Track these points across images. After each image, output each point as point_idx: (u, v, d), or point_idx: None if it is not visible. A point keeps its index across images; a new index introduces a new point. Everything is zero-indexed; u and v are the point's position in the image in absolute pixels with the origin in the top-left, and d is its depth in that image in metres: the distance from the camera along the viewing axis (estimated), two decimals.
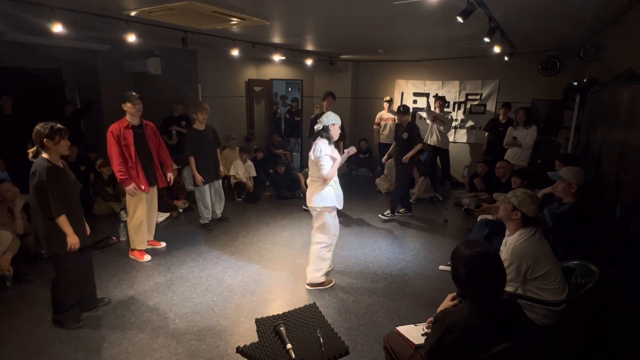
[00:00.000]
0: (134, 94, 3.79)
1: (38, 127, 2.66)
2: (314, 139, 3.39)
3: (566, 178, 2.95)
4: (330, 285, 3.60)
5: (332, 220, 3.44)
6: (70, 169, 2.90)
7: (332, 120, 3.39)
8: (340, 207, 3.47)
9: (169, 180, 4.21)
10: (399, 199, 5.54)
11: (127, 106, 3.75)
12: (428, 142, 6.89)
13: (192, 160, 4.65)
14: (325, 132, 3.34)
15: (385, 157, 5.83)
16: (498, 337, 1.61)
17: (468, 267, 1.62)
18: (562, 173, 3.00)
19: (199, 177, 4.68)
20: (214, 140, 4.86)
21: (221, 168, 5.01)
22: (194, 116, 4.69)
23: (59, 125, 2.69)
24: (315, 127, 3.39)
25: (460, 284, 1.69)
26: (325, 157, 3.24)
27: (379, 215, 5.47)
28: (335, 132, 3.40)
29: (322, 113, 5.24)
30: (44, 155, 2.67)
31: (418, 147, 5.22)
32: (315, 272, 3.52)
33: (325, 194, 3.34)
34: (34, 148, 2.70)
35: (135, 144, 3.77)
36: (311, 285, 3.56)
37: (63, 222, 2.68)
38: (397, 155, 5.37)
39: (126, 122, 3.76)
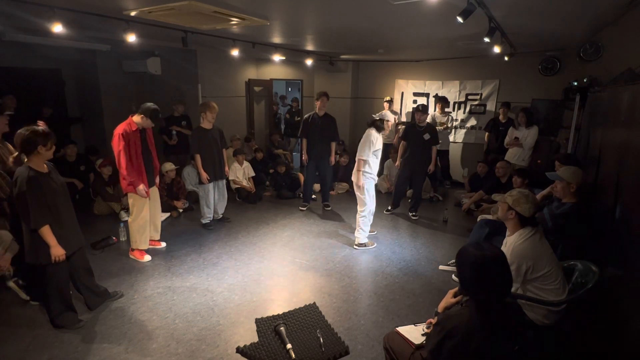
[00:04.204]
0: (159, 112, 3.78)
1: (24, 132, 2.51)
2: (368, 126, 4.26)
3: (564, 177, 2.95)
4: (373, 246, 4.46)
5: (368, 194, 4.31)
6: (57, 171, 2.81)
7: (388, 117, 4.24)
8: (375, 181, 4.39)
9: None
10: (401, 196, 5.70)
11: (145, 119, 3.72)
12: None
13: (198, 157, 4.66)
14: (380, 123, 4.20)
15: (398, 160, 5.60)
16: (499, 340, 1.60)
17: (475, 270, 1.61)
18: (560, 172, 3.01)
19: (204, 175, 4.69)
20: (220, 141, 4.87)
21: (226, 168, 5.03)
22: (202, 115, 4.68)
23: (47, 129, 2.58)
24: (375, 115, 4.27)
25: (466, 286, 1.68)
26: (365, 145, 4.19)
27: (411, 215, 5.60)
28: (387, 127, 4.25)
29: (315, 113, 5.43)
30: (27, 162, 2.57)
31: (436, 149, 5.38)
32: (359, 234, 4.39)
33: (364, 173, 4.23)
34: (15, 154, 2.57)
35: (141, 146, 3.80)
36: (358, 245, 4.43)
37: (46, 232, 2.59)
38: (413, 156, 5.33)
39: (135, 126, 3.73)
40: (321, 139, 5.46)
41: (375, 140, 4.16)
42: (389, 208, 5.75)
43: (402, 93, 8.04)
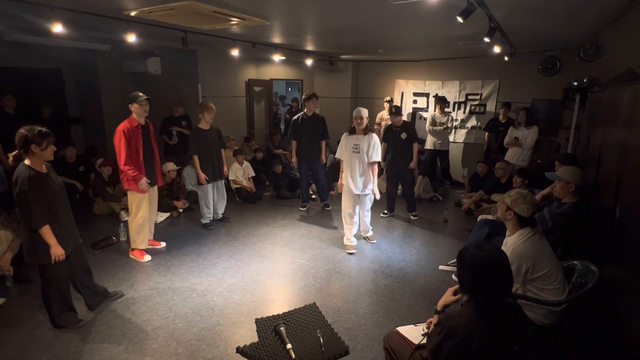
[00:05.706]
0: (141, 94, 3.77)
1: (23, 131, 2.53)
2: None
3: (563, 177, 2.96)
4: (349, 252, 4.31)
5: (346, 196, 4.33)
6: (55, 171, 2.82)
7: (362, 113, 4.24)
8: (355, 191, 4.24)
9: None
10: (393, 198, 5.63)
11: (135, 107, 3.75)
12: (427, 147, 6.91)
13: (196, 159, 4.66)
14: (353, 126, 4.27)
15: (383, 162, 5.56)
16: (499, 340, 1.60)
17: (474, 270, 1.61)
18: (560, 172, 3.01)
19: (202, 176, 4.69)
20: (219, 141, 4.86)
21: (225, 168, 5.02)
22: (200, 116, 4.68)
23: (45, 129, 2.59)
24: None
25: (466, 287, 1.68)
26: (340, 145, 4.36)
27: (411, 216, 5.54)
28: (358, 125, 4.23)
29: (304, 113, 5.41)
30: (26, 161, 2.57)
31: (417, 147, 5.25)
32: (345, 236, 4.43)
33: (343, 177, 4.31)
34: (15, 152, 2.58)
35: (143, 144, 3.80)
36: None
37: (46, 232, 2.59)
38: (394, 157, 5.31)
39: (136, 122, 3.76)
40: (312, 139, 5.44)
41: (340, 141, 4.35)
42: (385, 212, 5.64)
43: (402, 93, 8.04)
